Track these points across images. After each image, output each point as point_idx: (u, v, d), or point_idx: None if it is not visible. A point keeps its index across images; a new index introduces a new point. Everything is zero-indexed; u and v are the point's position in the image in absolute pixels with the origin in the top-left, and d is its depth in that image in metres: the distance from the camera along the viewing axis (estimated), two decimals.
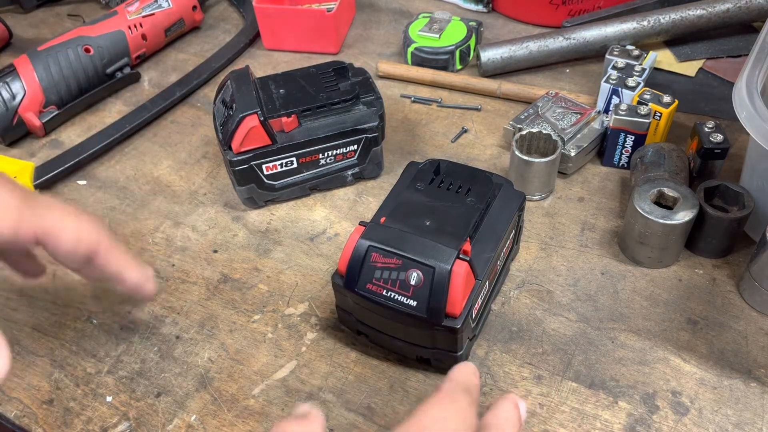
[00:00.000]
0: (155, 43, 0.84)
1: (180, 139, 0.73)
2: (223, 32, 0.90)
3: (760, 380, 0.47)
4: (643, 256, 0.55)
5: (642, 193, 0.54)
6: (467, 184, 0.50)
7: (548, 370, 0.49)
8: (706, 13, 0.74)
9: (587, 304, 0.53)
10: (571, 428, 0.46)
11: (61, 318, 0.55)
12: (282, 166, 0.60)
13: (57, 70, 0.73)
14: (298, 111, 0.58)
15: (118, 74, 0.79)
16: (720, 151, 0.58)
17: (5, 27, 0.87)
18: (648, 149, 0.60)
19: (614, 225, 0.59)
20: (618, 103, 0.62)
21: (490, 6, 0.88)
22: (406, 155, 0.68)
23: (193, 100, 0.78)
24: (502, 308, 0.53)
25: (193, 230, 0.62)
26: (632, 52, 0.69)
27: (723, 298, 0.53)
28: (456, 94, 0.76)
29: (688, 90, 0.73)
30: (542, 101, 0.67)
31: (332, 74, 0.62)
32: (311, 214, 0.63)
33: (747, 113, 0.48)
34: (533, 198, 0.62)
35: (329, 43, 0.82)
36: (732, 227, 0.53)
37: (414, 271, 0.44)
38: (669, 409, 0.46)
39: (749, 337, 0.50)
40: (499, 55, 0.75)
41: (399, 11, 0.91)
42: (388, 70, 0.78)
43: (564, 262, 0.57)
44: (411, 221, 0.47)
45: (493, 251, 0.47)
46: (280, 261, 0.59)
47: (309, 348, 0.52)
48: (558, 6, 0.82)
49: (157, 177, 0.68)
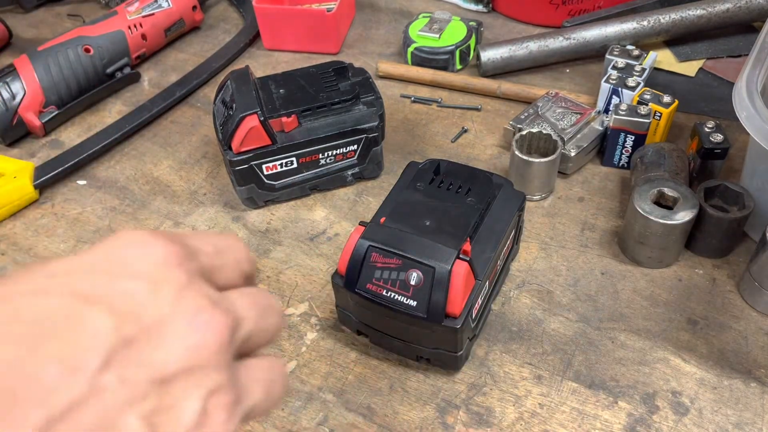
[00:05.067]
0: (155, 43, 0.84)
1: (180, 139, 0.73)
2: (223, 32, 0.90)
3: (760, 380, 0.47)
4: (643, 256, 0.55)
5: (642, 193, 0.54)
6: (467, 184, 0.50)
7: (548, 370, 0.49)
8: (706, 13, 0.74)
9: (587, 304, 0.53)
10: (571, 428, 0.46)
11: None
12: (282, 166, 0.60)
13: (57, 70, 0.73)
14: (298, 111, 0.58)
15: (118, 74, 0.79)
16: (720, 151, 0.58)
17: (5, 27, 0.87)
18: (648, 149, 0.60)
19: (614, 225, 0.59)
20: (618, 103, 0.62)
21: (490, 6, 0.88)
22: (406, 155, 0.68)
23: (193, 100, 0.78)
24: (502, 308, 0.53)
25: (193, 230, 0.62)
26: (632, 52, 0.69)
27: (723, 298, 0.53)
28: (456, 94, 0.76)
29: (688, 90, 0.73)
30: (542, 101, 0.67)
31: (332, 74, 0.62)
32: (311, 214, 0.63)
33: (747, 113, 0.48)
34: (533, 198, 0.62)
35: (329, 43, 0.82)
36: (732, 227, 0.53)
37: (414, 271, 0.44)
38: (669, 409, 0.46)
39: (749, 337, 0.50)
40: (499, 55, 0.75)
41: (399, 11, 0.91)
42: (388, 70, 0.78)
43: (564, 262, 0.57)
44: (411, 221, 0.47)
45: (493, 251, 0.47)
46: (280, 261, 0.59)
47: (309, 348, 0.52)
48: (558, 6, 0.82)
49: (157, 177, 0.68)
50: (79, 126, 0.76)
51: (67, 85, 0.74)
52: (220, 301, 0.25)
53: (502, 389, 0.48)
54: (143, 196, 0.66)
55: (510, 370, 0.49)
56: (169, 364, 0.22)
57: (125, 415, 0.21)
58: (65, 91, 0.74)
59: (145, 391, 0.22)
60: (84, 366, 0.21)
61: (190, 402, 0.22)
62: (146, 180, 0.68)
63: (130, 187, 0.67)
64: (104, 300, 0.22)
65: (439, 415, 0.47)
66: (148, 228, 0.63)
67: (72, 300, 0.22)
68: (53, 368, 0.20)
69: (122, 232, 0.25)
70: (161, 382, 0.22)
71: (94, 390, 0.21)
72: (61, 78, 0.74)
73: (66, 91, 0.74)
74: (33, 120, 0.72)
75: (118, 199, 0.66)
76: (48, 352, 0.20)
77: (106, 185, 0.68)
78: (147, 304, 0.23)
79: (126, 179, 0.68)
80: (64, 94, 0.74)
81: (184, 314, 0.23)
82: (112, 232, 0.62)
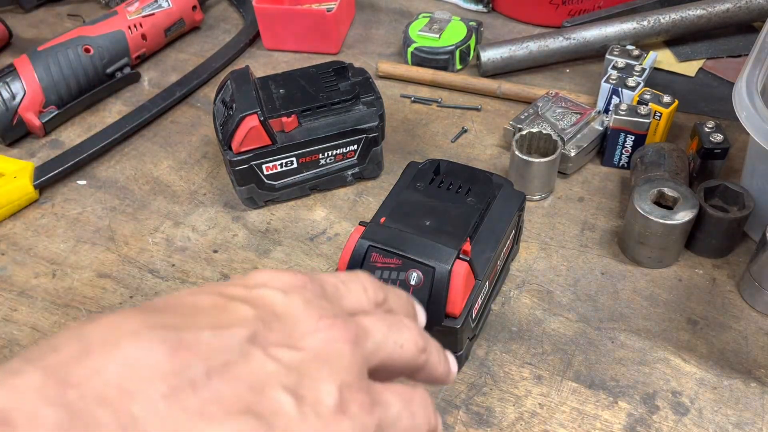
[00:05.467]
0: (155, 43, 0.84)
1: (180, 139, 0.73)
2: (223, 32, 0.90)
3: (760, 380, 0.47)
4: (643, 256, 0.55)
5: (642, 193, 0.54)
6: (467, 184, 0.50)
7: (548, 370, 0.49)
8: (706, 13, 0.74)
9: (587, 304, 0.53)
10: (571, 428, 0.46)
11: (61, 318, 0.55)
12: (282, 166, 0.60)
13: (57, 70, 0.73)
14: (298, 111, 0.58)
15: (118, 74, 0.79)
16: (720, 151, 0.58)
17: (5, 27, 0.87)
18: (648, 149, 0.60)
19: (614, 225, 0.59)
20: (618, 103, 0.62)
21: (490, 6, 0.88)
22: (406, 155, 0.68)
23: (193, 100, 0.78)
24: (502, 308, 0.53)
25: (193, 230, 0.62)
26: (632, 52, 0.69)
27: (723, 298, 0.53)
28: (456, 94, 0.76)
29: (688, 90, 0.73)
30: (542, 101, 0.67)
31: (332, 74, 0.62)
32: (311, 214, 0.63)
33: (747, 113, 0.48)
34: (533, 198, 0.62)
35: (329, 43, 0.82)
36: (732, 227, 0.53)
37: (414, 271, 0.44)
38: (669, 409, 0.46)
39: (749, 337, 0.50)
40: (499, 55, 0.75)
41: (399, 11, 0.91)
42: (388, 70, 0.78)
43: (564, 262, 0.57)
44: (411, 221, 0.47)
45: (493, 251, 0.47)
46: (280, 261, 0.59)
47: None
48: (558, 6, 0.82)
49: (157, 177, 0.68)
50: (79, 126, 0.76)
51: (67, 85, 0.74)
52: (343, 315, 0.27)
53: (502, 389, 0.48)
54: (143, 196, 0.66)
55: (510, 370, 0.49)
56: (306, 350, 0.24)
57: (272, 384, 0.23)
58: (65, 91, 0.74)
59: (288, 368, 0.24)
60: (233, 336, 0.23)
61: (329, 386, 0.24)
62: (146, 180, 0.68)
63: (130, 187, 0.67)
64: (244, 299, 0.25)
65: (439, 415, 0.47)
66: (149, 229, 0.63)
67: (218, 297, 0.25)
68: (207, 333, 0.23)
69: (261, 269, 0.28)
70: (301, 362, 0.24)
71: (243, 357, 0.23)
72: (61, 78, 0.74)
73: (66, 91, 0.74)
74: (33, 120, 0.72)
75: (118, 199, 0.66)
76: (201, 323, 0.23)
77: (106, 185, 0.68)
78: (281, 304, 0.25)
79: (126, 179, 0.68)
80: (64, 94, 0.74)
81: (312, 317, 0.25)
82: (112, 231, 0.62)
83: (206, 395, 0.21)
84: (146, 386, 0.20)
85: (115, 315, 0.23)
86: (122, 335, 0.22)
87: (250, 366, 0.23)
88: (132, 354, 0.21)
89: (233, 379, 0.22)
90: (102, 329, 0.22)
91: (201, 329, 0.23)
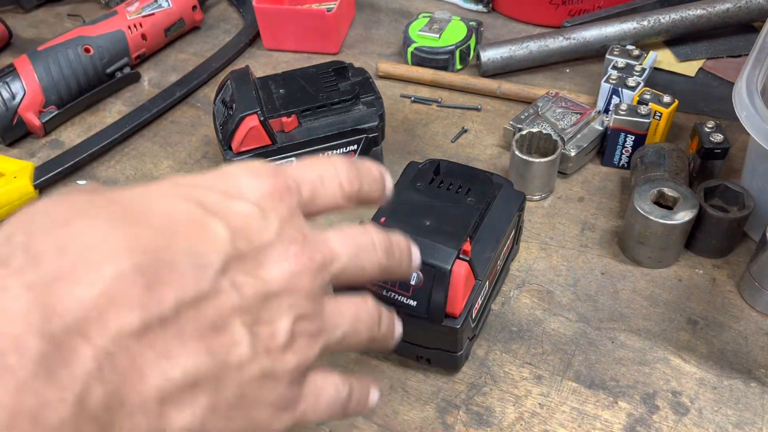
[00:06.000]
0: (155, 43, 0.84)
1: (180, 139, 0.73)
2: (223, 32, 0.90)
3: (760, 380, 0.47)
4: (643, 256, 0.55)
5: (642, 193, 0.54)
6: (467, 184, 0.50)
7: (548, 370, 0.49)
8: (706, 13, 0.74)
9: (587, 304, 0.53)
10: (571, 428, 0.46)
11: None
12: None
13: (57, 70, 0.73)
14: (298, 111, 0.58)
15: (118, 74, 0.79)
16: (720, 151, 0.58)
17: (5, 27, 0.87)
18: (648, 149, 0.60)
19: (614, 225, 0.59)
20: (618, 103, 0.62)
21: (490, 6, 0.88)
22: (406, 155, 0.68)
23: (193, 100, 0.78)
24: (502, 308, 0.53)
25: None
26: (632, 52, 0.69)
27: (723, 298, 0.53)
28: (456, 94, 0.76)
29: (688, 90, 0.73)
30: (542, 101, 0.67)
31: (332, 74, 0.62)
32: None
33: (747, 113, 0.48)
34: (533, 198, 0.62)
35: (329, 43, 0.82)
36: (732, 227, 0.53)
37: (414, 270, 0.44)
38: (669, 409, 0.46)
39: (749, 337, 0.50)
40: (499, 55, 0.75)
41: (399, 11, 0.91)
42: (388, 70, 0.78)
43: (564, 262, 0.57)
44: (411, 221, 0.47)
45: (493, 251, 0.47)
46: None
47: None
48: (558, 6, 0.82)
49: (157, 177, 0.68)
50: (79, 126, 0.76)
51: (67, 85, 0.74)
52: (314, 239, 0.27)
53: (502, 389, 0.48)
54: None
55: (510, 370, 0.49)
56: (270, 283, 0.25)
57: (233, 320, 0.24)
58: (65, 91, 0.74)
59: (250, 303, 0.24)
60: (208, 266, 0.23)
61: (283, 322, 0.25)
62: (146, 180, 0.68)
63: None
64: (222, 214, 0.25)
65: (439, 415, 0.47)
66: None
67: (197, 208, 0.25)
68: (186, 260, 0.23)
69: (236, 163, 0.28)
70: (264, 297, 0.25)
71: (214, 290, 0.23)
72: (61, 78, 0.74)
73: (66, 91, 0.74)
74: (33, 120, 0.72)
75: None
76: (180, 247, 0.23)
77: (106, 185, 0.68)
78: (256, 227, 0.26)
79: (126, 179, 0.68)
80: (64, 94, 0.74)
81: (283, 244, 0.26)
82: None
83: (172, 333, 0.22)
84: (121, 318, 0.21)
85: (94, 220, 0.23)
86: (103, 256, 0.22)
87: (217, 301, 0.23)
88: (111, 280, 0.21)
89: (199, 317, 0.23)
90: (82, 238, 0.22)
91: (177, 254, 0.23)
